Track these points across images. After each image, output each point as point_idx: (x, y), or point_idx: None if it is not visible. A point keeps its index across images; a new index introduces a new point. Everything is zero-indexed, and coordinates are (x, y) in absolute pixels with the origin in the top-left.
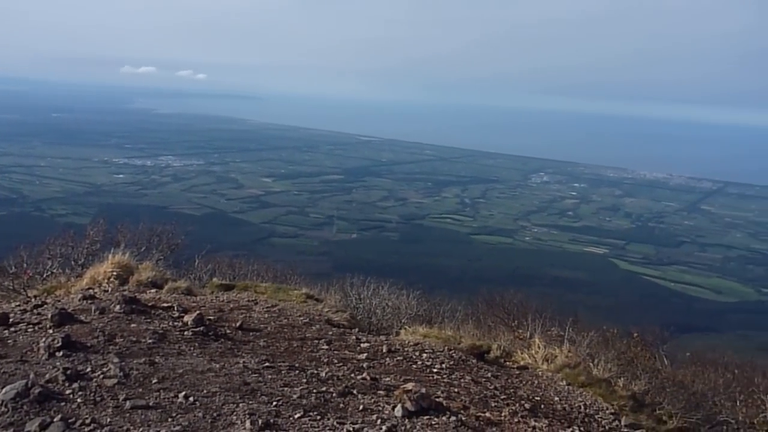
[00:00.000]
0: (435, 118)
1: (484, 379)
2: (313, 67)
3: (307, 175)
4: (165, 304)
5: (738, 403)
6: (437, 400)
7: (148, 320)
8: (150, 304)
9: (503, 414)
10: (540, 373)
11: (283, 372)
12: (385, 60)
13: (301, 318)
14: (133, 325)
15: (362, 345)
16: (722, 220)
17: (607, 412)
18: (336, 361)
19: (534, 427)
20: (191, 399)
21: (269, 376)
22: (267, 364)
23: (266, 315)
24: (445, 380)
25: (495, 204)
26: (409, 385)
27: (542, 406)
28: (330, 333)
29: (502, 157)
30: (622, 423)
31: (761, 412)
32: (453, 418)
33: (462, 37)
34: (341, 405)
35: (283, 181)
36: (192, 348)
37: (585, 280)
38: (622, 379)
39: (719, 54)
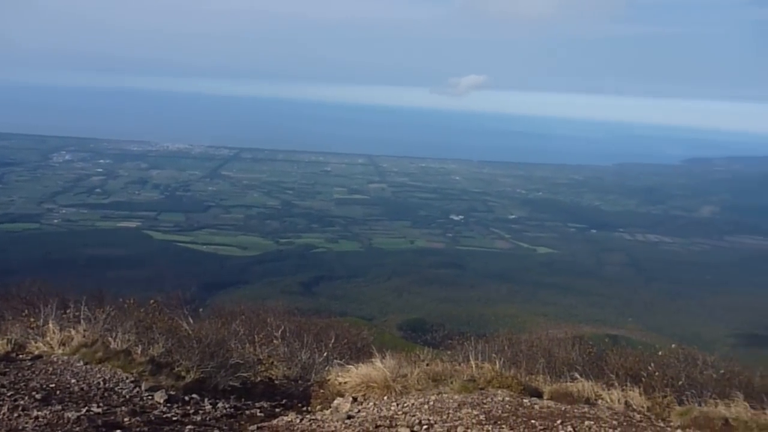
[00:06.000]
0: None
1: None
2: None
3: None
4: None
5: (256, 344)
6: None
7: None
8: None
9: (2, 411)
10: (55, 358)
11: None
12: None
13: None
14: None
15: None
16: (241, 183)
17: (128, 381)
18: None
19: (37, 417)
20: None
21: None
22: None
23: None
24: None
25: (15, 188)
26: None
27: (57, 392)
28: None
29: (15, 138)
30: (143, 388)
31: (272, 348)
32: None
33: None
34: None
35: None
36: None
37: (122, 255)
38: (140, 346)
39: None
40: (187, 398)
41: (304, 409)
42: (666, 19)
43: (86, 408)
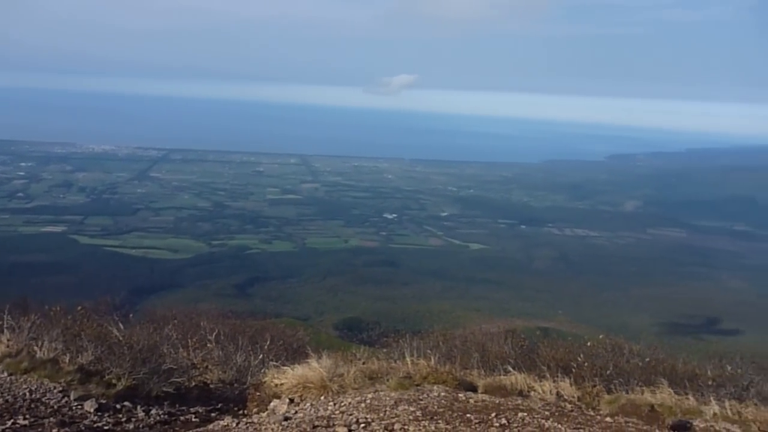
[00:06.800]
0: None
1: None
2: None
3: None
4: None
5: (189, 349)
6: None
7: None
8: None
9: None
10: None
11: None
12: None
13: None
14: None
15: None
16: (170, 184)
17: (55, 391)
18: None
19: None
20: None
21: None
22: None
23: None
24: None
25: None
26: None
27: None
28: None
29: None
30: (72, 398)
31: (206, 352)
32: None
33: None
34: None
35: None
36: None
37: (47, 261)
38: (68, 354)
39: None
40: (118, 406)
41: (241, 412)
42: (590, 19)
43: (12, 421)
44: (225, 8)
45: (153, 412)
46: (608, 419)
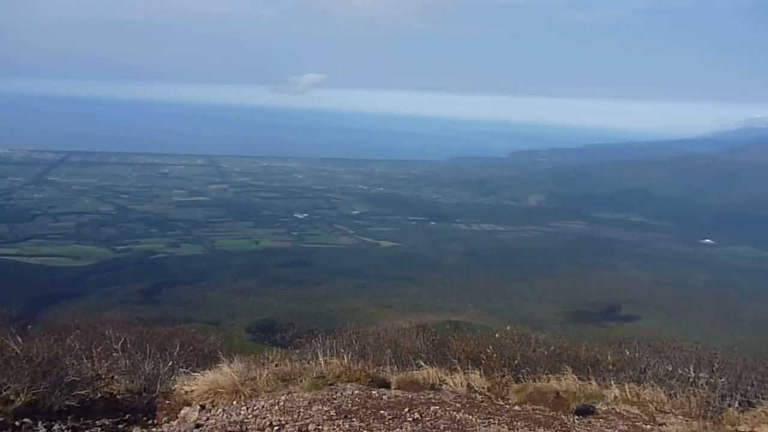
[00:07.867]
0: None
1: None
2: None
3: None
4: None
5: (94, 359)
6: None
7: None
8: None
9: None
10: None
11: None
12: None
13: None
14: None
15: None
16: (70, 188)
17: None
18: None
19: None
20: None
21: None
22: None
23: None
24: None
25: None
26: None
27: None
28: None
29: None
30: None
31: (112, 362)
32: None
33: None
34: None
35: None
36: None
37: None
38: None
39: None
40: (17, 423)
41: (150, 422)
42: (493, 19)
43: None
44: (122, 2)
45: (56, 427)
46: (517, 408)
